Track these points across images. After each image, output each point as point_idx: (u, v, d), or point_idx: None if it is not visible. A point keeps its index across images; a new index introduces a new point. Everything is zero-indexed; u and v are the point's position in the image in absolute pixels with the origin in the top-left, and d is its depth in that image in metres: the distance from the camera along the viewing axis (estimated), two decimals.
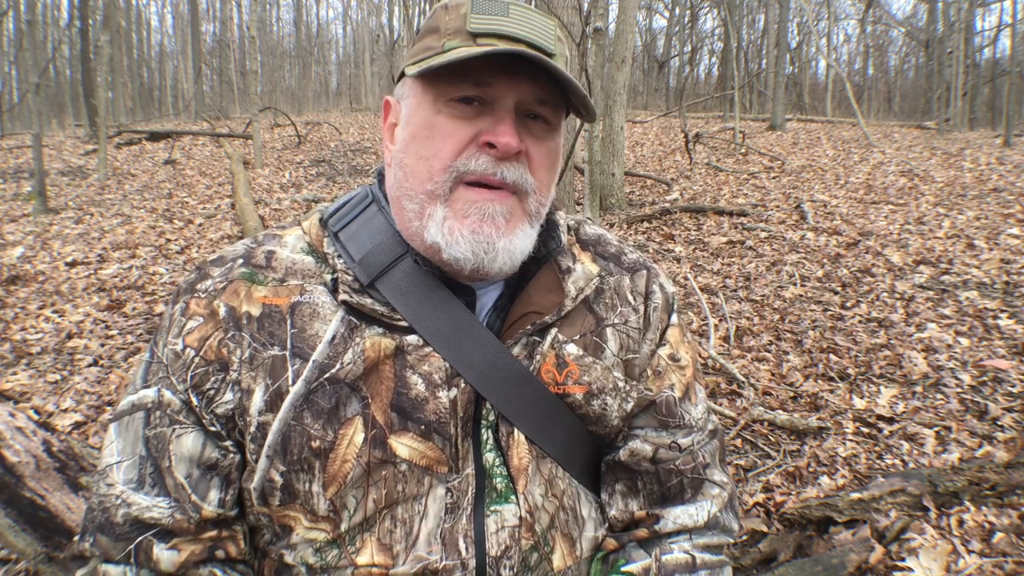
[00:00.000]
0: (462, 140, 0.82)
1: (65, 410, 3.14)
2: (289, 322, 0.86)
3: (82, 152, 14.44)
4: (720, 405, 3.06)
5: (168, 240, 6.89)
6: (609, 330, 0.95)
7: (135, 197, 9.53)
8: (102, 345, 4.05)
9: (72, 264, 6.05)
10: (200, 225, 7.60)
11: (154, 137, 15.67)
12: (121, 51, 27.03)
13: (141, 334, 4.24)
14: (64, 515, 1.43)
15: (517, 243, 0.85)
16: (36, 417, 2.14)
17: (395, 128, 0.91)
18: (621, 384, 0.94)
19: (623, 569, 0.93)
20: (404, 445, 0.85)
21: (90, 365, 3.74)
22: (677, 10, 32.75)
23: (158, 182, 10.70)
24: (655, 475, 0.96)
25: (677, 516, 0.96)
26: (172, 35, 41.43)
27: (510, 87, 0.82)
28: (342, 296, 0.86)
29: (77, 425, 3.02)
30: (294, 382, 0.84)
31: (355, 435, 0.84)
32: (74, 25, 19.42)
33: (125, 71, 29.38)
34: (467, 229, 0.82)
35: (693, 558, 0.94)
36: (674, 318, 1.01)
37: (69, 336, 4.19)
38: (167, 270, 5.75)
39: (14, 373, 3.59)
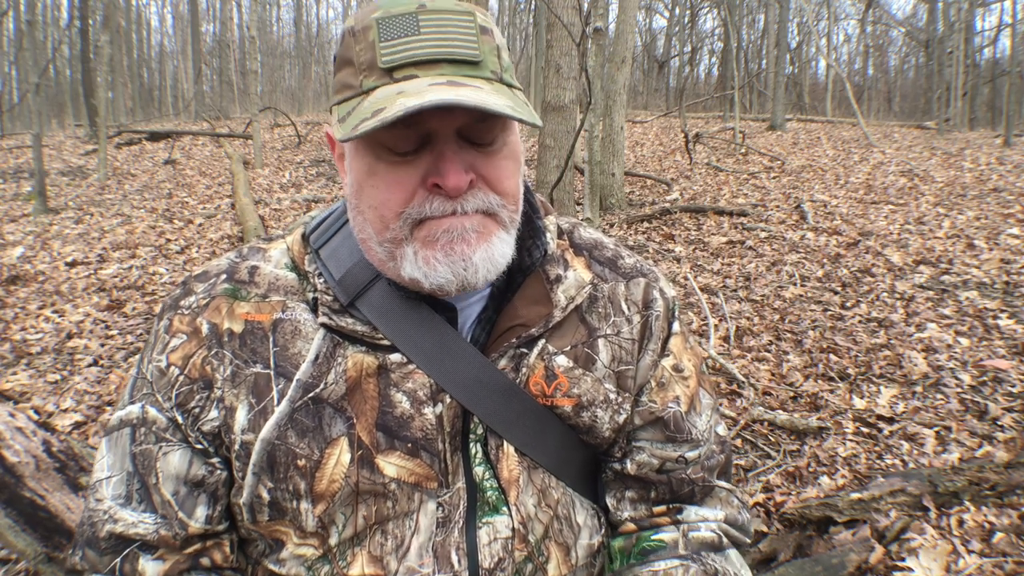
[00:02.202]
0: (408, 187, 0.77)
1: (65, 410, 3.14)
2: (272, 339, 0.85)
3: (82, 152, 14.45)
4: (720, 405, 3.06)
5: (168, 240, 6.89)
6: (601, 341, 0.92)
7: (135, 197, 9.53)
8: (102, 345, 4.05)
9: (72, 264, 6.05)
10: (200, 225, 7.61)
11: (154, 137, 15.68)
12: (121, 51, 27.03)
13: (141, 334, 4.25)
14: (64, 515, 1.43)
15: (495, 249, 0.81)
16: (36, 417, 2.14)
17: (343, 159, 0.87)
18: (612, 396, 0.92)
19: (653, 538, 0.93)
20: (392, 464, 0.84)
21: (90, 365, 3.74)
22: (677, 10, 32.79)
23: (158, 182, 10.70)
24: (667, 484, 0.96)
25: (698, 510, 0.96)
26: (172, 35, 41.49)
27: (443, 119, 0.75)
28: (321, 319, 0.85)
29: (77, 425, 3.02)
30: (279, 402, 0.83)
31: (341, 455, 0.83)
32: (74, 25, 19.41)
33: (125, 71, 29.38)
34: (440, 252, 0.79)
35: (720, 537, 0.94)
36: (676, 326, 0.98)
37: (69, 336, 4.19)
38: (167, 270, 5.76)
39: (14, 373, 3.59)
